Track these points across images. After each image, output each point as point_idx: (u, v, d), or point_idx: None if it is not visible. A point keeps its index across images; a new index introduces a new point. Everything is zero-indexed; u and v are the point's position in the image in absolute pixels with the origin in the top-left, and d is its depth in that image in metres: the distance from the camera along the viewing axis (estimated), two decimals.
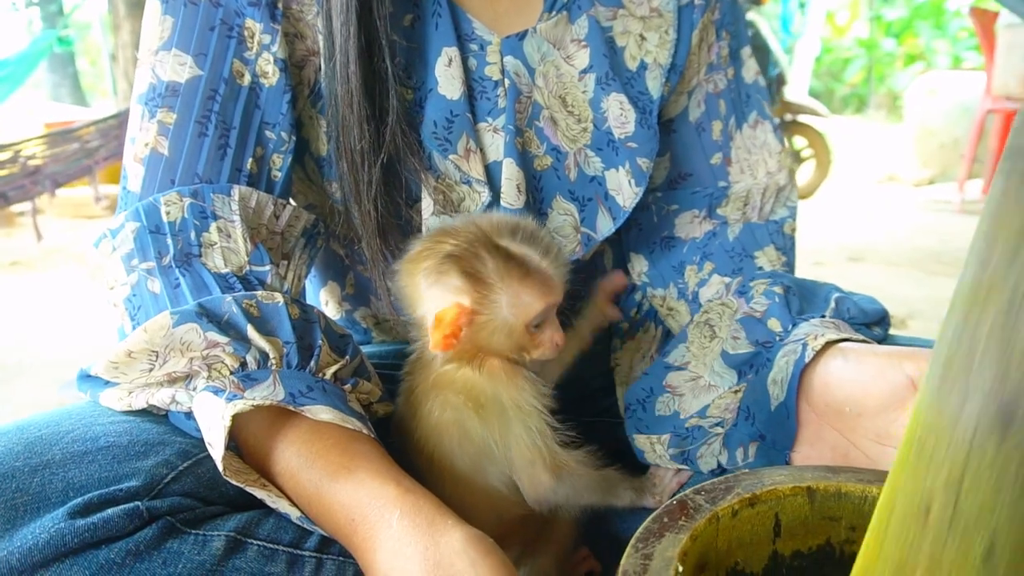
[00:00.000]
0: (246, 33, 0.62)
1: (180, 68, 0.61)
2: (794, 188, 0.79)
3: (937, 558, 0.25)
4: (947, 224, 3.72)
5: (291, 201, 0.67)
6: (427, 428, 0.56)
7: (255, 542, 0.50)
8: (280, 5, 0.63)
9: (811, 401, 0.52)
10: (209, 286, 0.57)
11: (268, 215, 0.63)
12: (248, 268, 0.60)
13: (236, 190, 0.61)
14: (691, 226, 0.78)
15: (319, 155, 0.68)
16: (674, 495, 0.43)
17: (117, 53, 4.48)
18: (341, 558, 0.52)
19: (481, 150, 0.67)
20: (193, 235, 0.59)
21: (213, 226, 0.59)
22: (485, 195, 0.66)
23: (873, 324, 0.64)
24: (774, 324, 0.62)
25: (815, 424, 0.52)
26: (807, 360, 0.54)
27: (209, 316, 0.53)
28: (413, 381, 0.58)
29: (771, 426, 0.58)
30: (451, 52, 0.65)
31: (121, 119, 3.39)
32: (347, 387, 0.56)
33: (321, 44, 0.64)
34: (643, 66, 0.71)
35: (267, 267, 0.60)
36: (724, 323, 0.66)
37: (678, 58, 0.71)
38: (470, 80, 0.67)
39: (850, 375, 0.50)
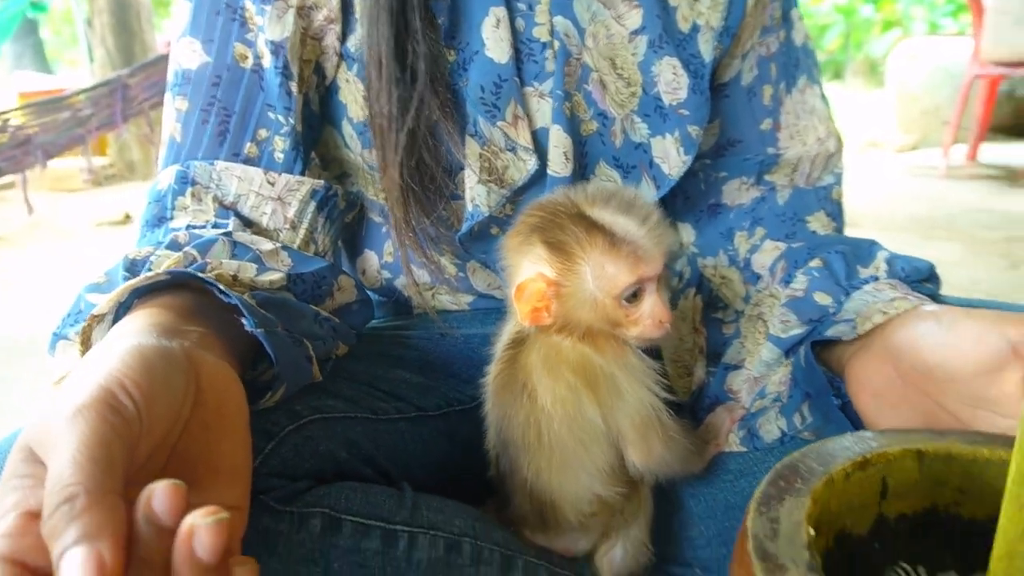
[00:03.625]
0: (247, 15, 0.62)
1: (192, 55, 0.63)
2: (842, 154, 0.79)
3: None
4: (934, 189, 3.76)
5: (295, 174, 0.66)
6: (537, 404, 0.54)
7: (349, 518, 0.50)
8: None
9: (897, 365, 0.52)
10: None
11: (259, 182, 0.63)
12: (213, 222, 0.61)
13: (218, 162, 0.62)
14: (738, 192, 0.77)
15: (358, 120, 0.67)
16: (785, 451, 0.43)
17: (93, 19, 4.30)
18: (432, 532, 0.52)
19: (528, 116, 0.65)
20: (170, 199, 0.62)
21: (189, 191, 0.62)
22: (531, 163, 0.65)
23: (924, 280, 0.64)
24: (822, 297, 0.62)
25: (900, 388, 0.52)
26: (850, 336, 0.56)
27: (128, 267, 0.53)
28: (515, 353, 0.56)
29: (807, 380, 0.59)
30: (499, 12, 0.63)
31: (111, 87, 3.28)
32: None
33: (357, 4, 0.62)
34: (695, 28, 0.69)
35: (228, 220, 0.61)
36: (773, 313, 0.67)
37: (730, 20, 0.70)
38: (517, 42, 0.65)
39: (943, 339, 0.49)
